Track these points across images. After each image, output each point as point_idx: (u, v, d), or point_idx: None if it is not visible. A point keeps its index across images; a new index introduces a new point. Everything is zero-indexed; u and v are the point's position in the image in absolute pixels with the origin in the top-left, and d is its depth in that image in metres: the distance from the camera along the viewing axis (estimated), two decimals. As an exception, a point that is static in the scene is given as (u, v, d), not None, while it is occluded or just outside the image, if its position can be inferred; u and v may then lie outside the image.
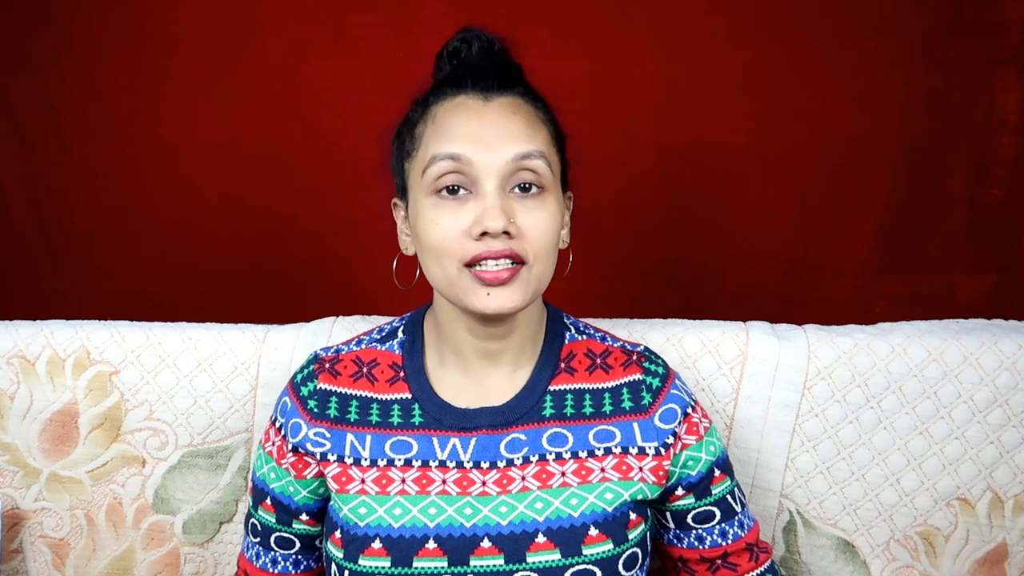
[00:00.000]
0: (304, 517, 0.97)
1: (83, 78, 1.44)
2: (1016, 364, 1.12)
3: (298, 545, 0.99)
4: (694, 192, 1.44)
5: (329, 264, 1.50)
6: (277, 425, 0.97)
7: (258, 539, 1.00)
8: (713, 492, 0.97)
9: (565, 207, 0.97)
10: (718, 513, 0.97)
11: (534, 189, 0.88)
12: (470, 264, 0.86)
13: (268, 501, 0.98)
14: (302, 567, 1.00)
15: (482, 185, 0.87)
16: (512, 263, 0.86)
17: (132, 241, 1.50)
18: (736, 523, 0.98)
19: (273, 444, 0.97)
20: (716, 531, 0.97)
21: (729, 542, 0.98)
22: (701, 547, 0.98)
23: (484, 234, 0.85)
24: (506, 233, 0.85)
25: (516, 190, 0.88)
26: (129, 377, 1.16)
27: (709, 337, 1.15)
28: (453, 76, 0.93)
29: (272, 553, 0.99)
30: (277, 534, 0.98)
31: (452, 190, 0.87)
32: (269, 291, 1.50)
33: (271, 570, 1.00)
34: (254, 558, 1.01)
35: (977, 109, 1.40)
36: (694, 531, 0.98)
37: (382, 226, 1.03)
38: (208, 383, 1.16)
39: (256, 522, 1.00)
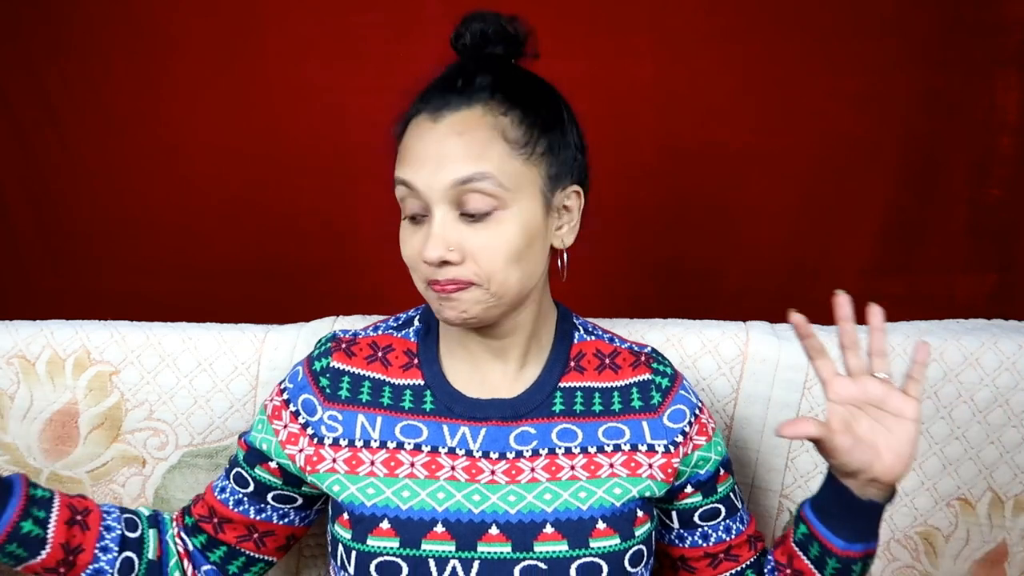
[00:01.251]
0: (272, 465, 0.96)
1: (83, 78, 1.44)
2: (1016, 364, 1.12)
3: (251, 488, 0.97)
4: (694, 192, 1.44)
5: (329, 264, 1.50)
6: (282, 387, 0.98)
7: (227, 466, 1.00)
8: (719, 490, 0.99)
9: (563, 206, 0.93)
10: (723, 510, 0.99)
11: (484, 213, 0.86)
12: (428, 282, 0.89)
13: (244, 440, 0.99)
14: (240, 509, 0.98)
15: (432, 210, 0.87)
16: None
17: (132, 241, 1.50)
18: (738, 519, 1.00)
19: (271, 402, 0.97)
20: (721, 527, 0.99)
21: (732, 536, 1.00)
22: (706, 544, 0.99)
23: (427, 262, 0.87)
24: (448, 262, 0.86)
25: (466, 216, 0.87)
26: (129, 377, 1.16)
27: (709, 337, 1.15)
28: (428, 87, 0.92)
29: (227, 483, 0.99)
30: (238, 470, 0.98)
31: (413, 218, 0.89)
32: (269, 291, 1.50)
33: (217, 496, 0.99)
34: (217, 479, 1.01)
35: (977, 109, 1.40)
36: (699, 529, 0.99)
37: (382, 226, 1.03)
38: (208, 383, 1.16)
39: (235, 454, 1.00)
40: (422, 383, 0.96)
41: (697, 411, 0.98)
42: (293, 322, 1.21)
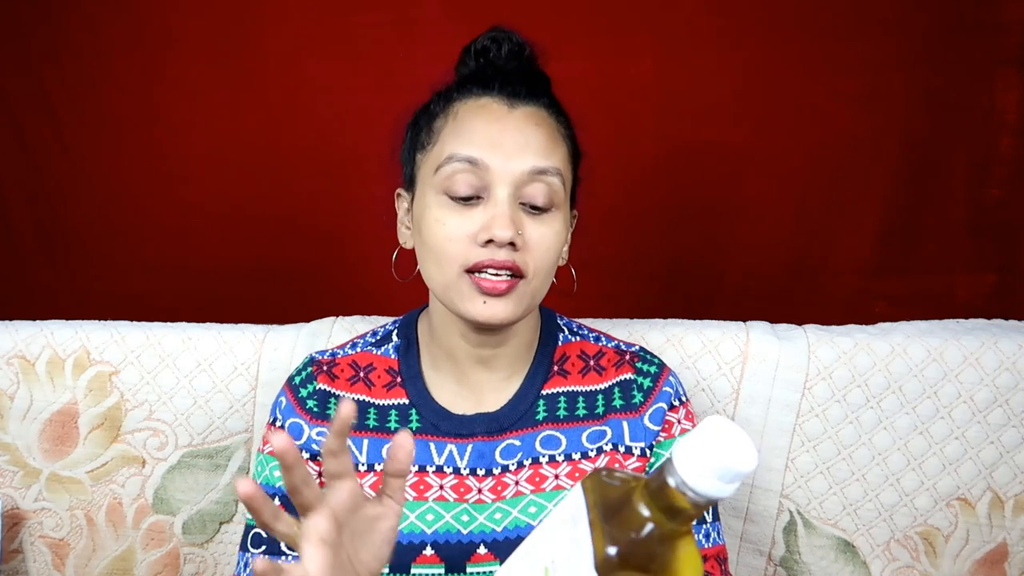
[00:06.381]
0: (275, 503, 0.94)
1: (82, 78, 1.44)
2: (1016, 364, 1.12)
3: (266, 543, 0.94)
4: (694, 192, 1.44)
5: (329, 264, 1.49)
6: (278, 425, 0.96)
7: (263, 548, 0.94)
8: None
9: (569, 225, 0.96)
10: None
11: (543, 208, 0.87)
12: (471, 270, 0.85)
13: (276, 502, 0.93)
14: None
15: (494, 192, 0.85)
16: (511, 275, 0.85)
17: (132, 241, 1.50)
18: (700, 532, 0.94)
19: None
20: None
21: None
22: None
23: (489, 241, 0.84)
24: (511, 244, 0.84)
25: (526, 205, 0.87)
26: (129, 377, 1.16)
27: (709, 337, 1.15)
28: (480, 75, 0.91)
29: (283, 558, 0.93)
30: (254, 532, 0.94)
31: (464, 197, 0.86)
32: (269, 291, 1.50)
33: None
34: (236, 566, 0.96)
35: (977, 109, 1.40)
36: None
37: (382, 226, 1.03)
38: (208, 383, 1.16)
39: (260, 531, 0.94)
40: (407, 402, 0.95)
41: (668, 408, 0.94)
42: (293, 322, 1.21)
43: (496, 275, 0.85)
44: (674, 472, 0.50)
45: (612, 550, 0.51)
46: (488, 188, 0.86)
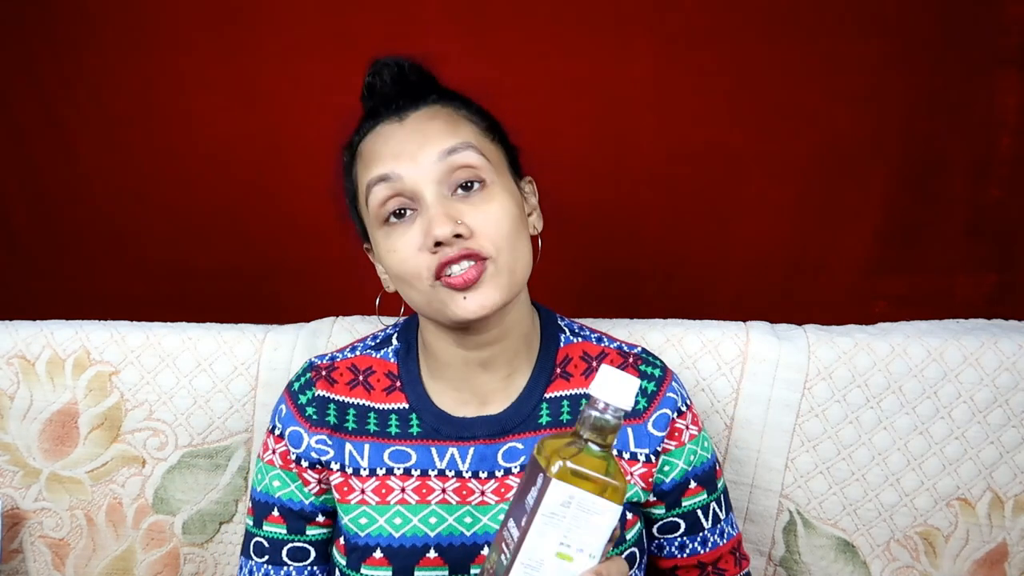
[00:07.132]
0: (320, 519, 0.95)
1: (82, 78, 1.44)
2: (1016, 364, 1.12)
3: (313, 554, 0.95)
4: (694, 192, 1.44)
5: (329, 264, 1.49)
6: (277, 433, 0.96)
7: (266, 558, 0.95)
8: (683, 504, 0.96)
9: (528, 193, 0.96)
10: (682, 525, 0.96)
11: (476, 186, 0.86)
12: (437, 276, 0.85)
13: (275, 512, 0.95)
14: None
15: (422, 197, 0.86)
16: (475, 262, 0.84)
17: (132, 241, 1.50)
18: (699, 540, 0.97)
19: (275, 452, 0.95)
20: (676, 543, 0.97)
21: (684, 555, 0.97)
22: (659, 555, 0.97)
23: (438, 244, 0.84)
24: (459, 236, 0.84)
25: (459, 191, 0.86)
26: (129, 377, 1.16)
27: (709, 337, 1.15)
28: (370, 111, 0.94)
29: (285, 569, 0.95)
30: (290, 546, 0.95)
31: (399, 214, 0.87)
32: (269, 291, 1.49)
33: None
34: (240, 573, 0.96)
35: (977, 109, 1.39)
36: (655, 540, 0.97)
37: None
38: (208, 383, 1.16)
39: (262, 540, 0.95)
40: (407, 407, 0.94)
41: (676, 414, 0.95)
42: (293, 322, 1.21)
43: (461, 268, 0.84)
44: (596, 406, 0.71)
45: (618, 483, 0.69)
46: (416, 198, 0.86)
